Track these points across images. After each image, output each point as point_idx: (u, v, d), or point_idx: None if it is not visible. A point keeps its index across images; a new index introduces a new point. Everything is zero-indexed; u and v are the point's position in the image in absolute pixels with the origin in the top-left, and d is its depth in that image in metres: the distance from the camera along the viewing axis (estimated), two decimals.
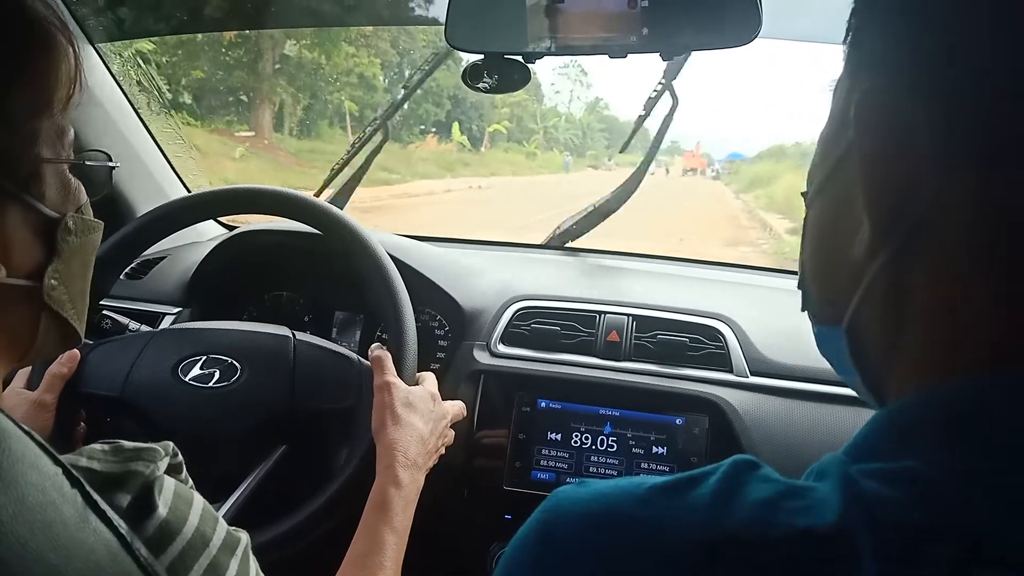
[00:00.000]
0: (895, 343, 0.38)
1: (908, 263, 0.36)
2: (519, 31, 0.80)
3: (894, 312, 0.37)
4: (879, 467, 0.33)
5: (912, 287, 0.36)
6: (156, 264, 1.43)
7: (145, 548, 0.43)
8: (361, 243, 1.05)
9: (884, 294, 0.37)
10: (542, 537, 0.36)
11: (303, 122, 22.75)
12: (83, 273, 0.59)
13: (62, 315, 0.56)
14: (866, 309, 0.39)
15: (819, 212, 0.43)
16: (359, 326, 1.40)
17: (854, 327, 0.40)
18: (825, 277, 0.43)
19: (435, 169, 24.09)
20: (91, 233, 0.58)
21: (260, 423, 0.97)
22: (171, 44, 16.57)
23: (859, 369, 0.42)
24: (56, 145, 0.54)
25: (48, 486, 0.41)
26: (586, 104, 58.29)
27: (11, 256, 0.51)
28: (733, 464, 0.36)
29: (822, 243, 0.43)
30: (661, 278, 1.54)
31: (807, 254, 0.46)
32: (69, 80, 0.54)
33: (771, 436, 1.08)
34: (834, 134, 0.41)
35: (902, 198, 0.35)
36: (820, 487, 0.33)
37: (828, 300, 0.43)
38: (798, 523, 0.31)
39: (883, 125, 0.35)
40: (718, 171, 34.59)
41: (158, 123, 1.58)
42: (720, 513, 0.33)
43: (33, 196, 0.52)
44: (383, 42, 25.03)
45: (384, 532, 0.82)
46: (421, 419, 0.95)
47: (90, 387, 0.99)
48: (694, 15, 0.76)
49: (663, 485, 0.35)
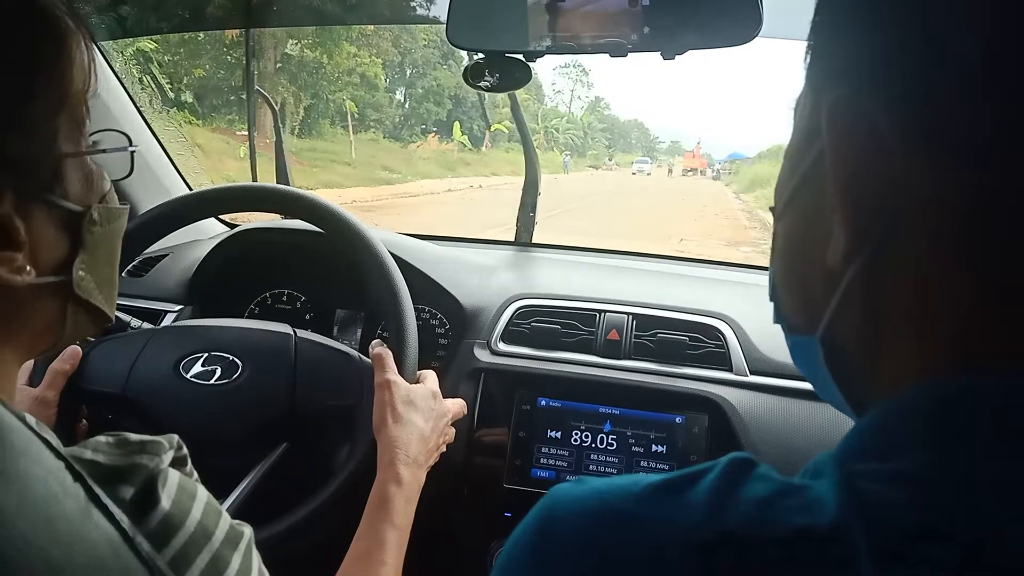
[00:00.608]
0: (874, 348, 0.37)
1: (885, 267, 0.36)
2: (520, 30, 0.80)
3: (872, 317, 0.37)
4: (873, 467, 0.33)
5: (891, 291, 0.36)
6: (158, 262, 1.43)
7: (147, 543, 0.44)
8: (362, 241, 1.05)
9: (861, 300, 0.37)
10: (540, 535, 0.36)
11: (304, 121, 22.79)
12: (110, 260, 0.59)
13: (92, 303, 0.56)
14: (842, 316, 0.39)
15: (789, 224, 0.43)
16: (360, 324, 1.40)
17: (829, 335, 0.40)
18: (798, 287, 0.43)
19: (436, 168, 24.12)
20: (116, 220, 0.59)
21: (261, 420, 0.97)
22: (173, 43, 16.59)
23: (835, 377, 0.41)
24: (75, 136, 0.53)
25: (51, 480, 0.41)
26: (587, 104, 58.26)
27: (39, 257, 0.51)
28: (730, 462, 0.35)
29: (793, 253, 0.43)
30: (661, 277, 1.54)
31: (778, 265, 0.46)
32: (84, 72, 0.53)
33: (770, 435, 1.08)
34: (800, 147, 0.41)
35: (877, 202, 0.35)
36: (816, 485, 0.33)
37: (801, 310, 0.43)
38: (795, 522, 0.31)
39: (855, 131, 0.35)
40: (719, 171, 34.53)
41: (160, 121, 1.59)
42: (716, 512, 0.33)
43: (57, 194, 0.52)
44: (384, 41, 25.06)
45: (386, 529, 0.83)
46: (422, 417, 0.95)
47: (92, 384, 0.99)
48: (695, 14, 0.76)
49: (660, 483, 0.35)
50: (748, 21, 0.74)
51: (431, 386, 1.02)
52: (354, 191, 16.45)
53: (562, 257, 1.68)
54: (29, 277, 0.49)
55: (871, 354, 0.38)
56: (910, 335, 0.36)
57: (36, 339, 0.55)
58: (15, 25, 0.49)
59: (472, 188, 21.11)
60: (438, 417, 0.99)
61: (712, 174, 34.36)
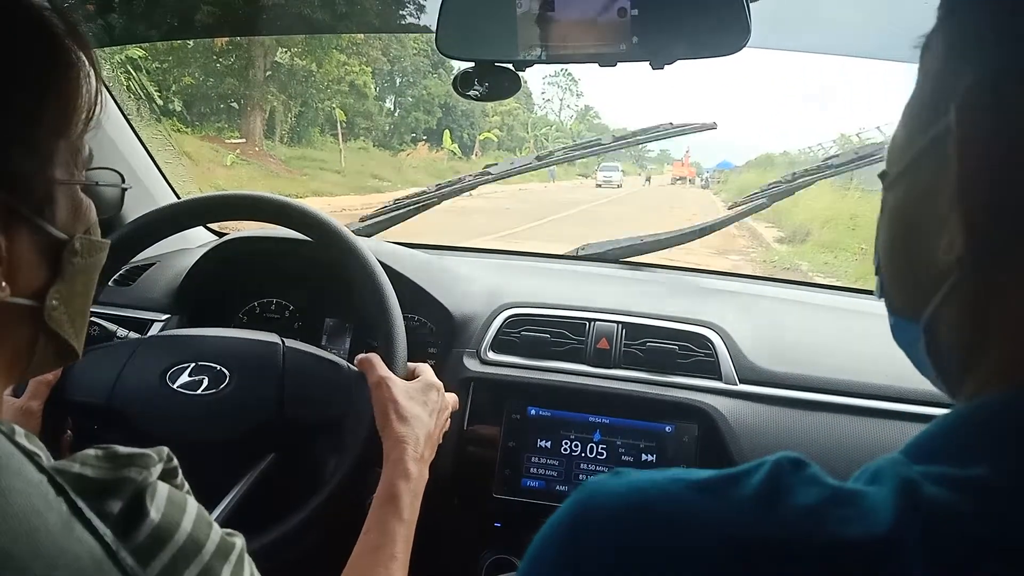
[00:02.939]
0: (976, 347, 0.36)
1: (998, 268, 0.34)
2: (510, 39, 0.80)
3: (978, 317, 0.35)
4: (945, 471, 0.31)
5: (1000, 294, 0.34)
6: (145, 271, 1.42)
7: (132, 557, 0.43)
8: (351, 250, 1.05)
9: (969, 299, 0.36)
10: (573, 528, 0.35)
11: (294, 129, 22.74)
12: (85, 292, 0.59)
13: (60, 335, 0.56)
14: (947, 311, 0.37)
15: (901, 199, 0.40)
16: (349, 333, 1.40)
17: (932, 326, 0.38)
18: (904, 270, 0.41)
19: (426, 177, 24.10)
20: (97, 253, 0.58)
21: (249, 430, 0.97)
22: (161, 50, 16.55)
23: (935, 366, 0.40)
24: (70, 166, 0.53)
25: (32, 494, 0.40)
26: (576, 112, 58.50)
27: (16, 276, 0.50)
28: (776, 463, 0.34)
29: (901, 236, 0.41)
30: (650, 286, 1.54)
31: (883, 243, 0.43)
32: (90, 102, 0.54)
33: (760, 444, 1.09)
34: (925, 114, 0.38)
35: (1003, 201, 0.33)
36: (872, 492, 0.31)
37: (905, 295, 0.41)
38: (845, 533, 0.29)
39: (995, 121, 0.33)
40: (707, 179, 34.68)
41: (148, 130, 1.58)
42: (762, 517, 0.31)
43: (44, 218, 0.52)
44: (374, 50, 25.08)
45: (394, 524, 0.83)
46: (425, 411, 0.95)
47: (77, 395, 0.98)
48: (683, 24, 0.76)
49: (703, 482, 0.34)
50: (736, 32, 0.75)
51: (430, 379, 1.01)
52: (343, 199, 16.41)
53: (551, 266, 1.68)
54: (3, 293, 0.49)
55: (971, 352, 0.36)
56: (1011, 340, 0.34)
57: (9, 362, 0.54)
58: (30, 47, 0.50)
59: (462, 196, 21.09)
60: (441, 410, 0.99)
61: (701, 183, 34.46)
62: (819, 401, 1.12)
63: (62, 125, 0.52)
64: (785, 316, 1.40)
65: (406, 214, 1.66)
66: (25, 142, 0.49)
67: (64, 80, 0.52)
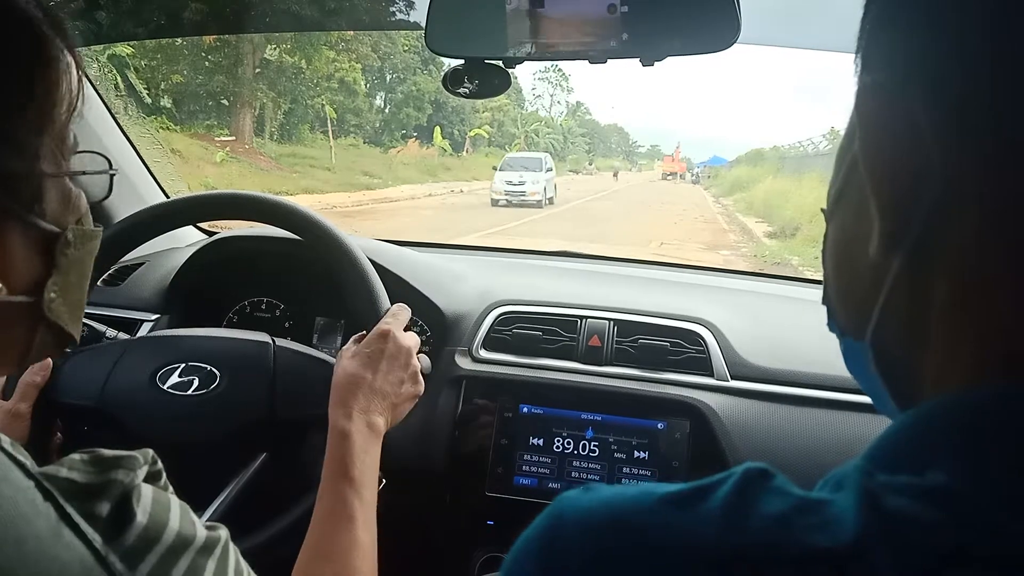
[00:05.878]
0: (919, 352, 0.36)
1: (924, 264, 0.35)
2: (499, 36, 0.80)
3: (918, 317, 0.36)
4: (905, 480, 0.31)
5: (931, 290, 0.35)
6: (134, 270, 1.42)
7: (121, 562, 0.43)
8: (341, 248, 1.04)
9: (905, 299, 0.36)
10: (546, 544, 0.35)
11: (284, 126, 22.67)
12: (81, 282, 0.59)
13: (60, 325, 0.55)
14: (889, 319, 0.37)
15: (838, 223, 0.42)
16: (340, 332, 1.39)
17: (878, 339, 0.39)
18: (846, 287, 0.42)
19: (416, 174, 24.08)
20: (90, 242, 0.58)
21: (240, 430, 0.96)
22: (150, 48, 16.46)
23: (886, 383, 0.39)
24: (57, 157, 0.53)
25: (20, 500, 0.40)
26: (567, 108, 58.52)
27: (10, 274, 0.50)
28: (744, 474, 0.34)
29: (841, 253, 0.42)
30: (642, 282, 1.54)
31: (828, 268, 0.44)
32: (71, 93, 0.53)
33: (752, 440, 1.09)
34: (845, 143, 0.40)
35: (911, 192, 0.34)
36: (837, 500, 0.31)
37: (850, 312, 0.42)
38: (813, 542, 0.29)
39: (887, 119, 0.35)
40: (697, 175, 34.72)
41: (136, 128, 1.57)
42: (731, 528, 0.31)
43: (35, 214, 0.51)
44: (364, 47, 25.00)
45: (342, 485, 0.81)
46: (360, 365, 0.91)
47: (66, 397, 0.97)
48: (673, 21, 0.76)
49: (672, 496, 0.34)
50: (726, 28, 0.75)
51: (380, 330, 0.95)
52: (333, 196, 16.37)
53: (543, 263, 1.68)
54: (1, 294, 0.49)
55: (918, 356, 0.36)
56: (951, 338, 0.34)
57: (4, 355, 0.54)
58: (7, 42, 0.49)
59: (453, 193, 21.09)
60: (392, 357, 0.92)
61: (692, 178, 34.51)
62: (810, 397, 1.12)
63: (46, 118, 0.51)
64: (776, 312, 1.40)
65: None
66: (10, 139, 0.48)
67: (44, 76, 0.51)
